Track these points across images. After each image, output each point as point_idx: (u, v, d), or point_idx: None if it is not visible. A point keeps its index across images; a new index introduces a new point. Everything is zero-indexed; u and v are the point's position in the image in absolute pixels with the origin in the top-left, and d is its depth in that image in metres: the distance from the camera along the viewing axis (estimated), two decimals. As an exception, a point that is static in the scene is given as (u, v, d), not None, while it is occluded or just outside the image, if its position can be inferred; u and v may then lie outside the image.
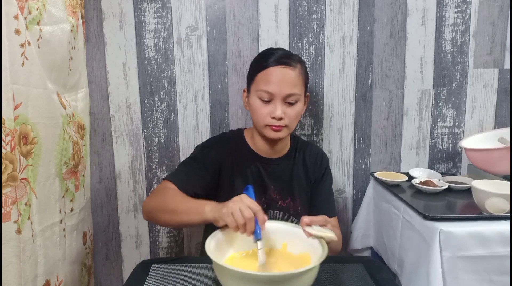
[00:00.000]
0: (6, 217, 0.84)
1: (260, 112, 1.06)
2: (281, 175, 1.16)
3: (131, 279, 0.88)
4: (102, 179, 1.45)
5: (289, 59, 1.05)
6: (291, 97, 1.05)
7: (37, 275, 0.97)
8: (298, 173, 1.18)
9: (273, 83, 1.03)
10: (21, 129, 0.90)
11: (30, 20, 0.95)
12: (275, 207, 1.15)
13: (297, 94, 1.05)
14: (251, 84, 1.10)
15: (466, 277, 0.98)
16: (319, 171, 1.20)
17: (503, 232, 0.97)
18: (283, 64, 1.04)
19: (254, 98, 1.07)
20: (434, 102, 1.48)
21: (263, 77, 1.05)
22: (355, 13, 1.41)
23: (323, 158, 1.22)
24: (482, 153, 1.29)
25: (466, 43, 1.46)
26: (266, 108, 1.05)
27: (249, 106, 1.11)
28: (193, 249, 1.51)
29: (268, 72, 1.04)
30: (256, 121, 1.09)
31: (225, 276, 0.72)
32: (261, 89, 1.04)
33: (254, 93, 1.07)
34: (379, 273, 0.88)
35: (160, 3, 1.36)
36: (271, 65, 1.04)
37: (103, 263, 1.50)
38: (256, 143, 1.15)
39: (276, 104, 1.04)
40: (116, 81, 1.39)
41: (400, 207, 1.18)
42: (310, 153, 1.20)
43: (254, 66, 1.11)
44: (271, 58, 1.05)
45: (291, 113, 1.06)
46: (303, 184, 1.18)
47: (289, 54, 1.09)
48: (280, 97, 1.04)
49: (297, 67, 1.06)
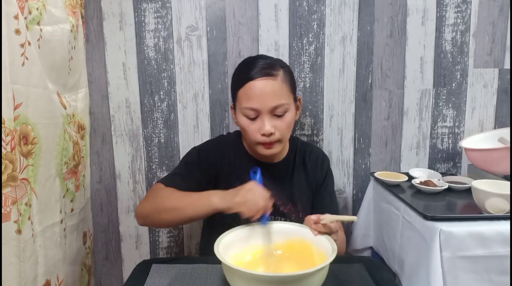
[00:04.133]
0: (6, 217, 0.84)
1: (249, 130, 0.99)
2: (281, 180, 1.11)
3: (131, 279, 0.88)
4: (102, 179, 1.45)
5: (269, 69, 0.97)
6: (278, 109, 0.97)
7: (37, 275, 0.97)
8: (299, 177, 1.13)
9: (255, 98, 0.95)
10: (21, 129, 0.90)
11: (30, 20, 0.95)
12: (276, 212, 1.09)
13: (284, 104, 0.97)
14: (235, 101, 1.03)
15: (466, 277, 0.98)
16: (320, 175, 1.14)
17: (503, 232, 0.97)
18: (263, 76, 0.96)
19: (241, 116, 1.00)
20: (434, 102, 1.49)
21: (244, 93, 0.97)
22: (355, 13, 1.41)
23: (323, 161, 1.16)
24: (482, 153, 1.29)
25: (466, 43, 1.46)
26: (254, 125, 0.98)
27: (238, 124, 1.04)
28: (193, 249, 1.51)
29: (248, 87, 0.96)
30: (247, 138, 1.03)
31: (235, 277, 0.72)
32: (245, 106, 0.97)
33: (239, 111, 1.01)
34: (379, 273, 0.88)
35: (160, 3, 1.36)
36: (251, 79, 0.96)
37: (103, 263, 1.50)
38: (251, 148, 1.09)
39: (264, 119, 0.96)
40: (116, 81, 1.39)
41: (400, 207, 1.18)
42: (310, 155, 1.15)
43: (234, 81, 1.04)
44: (249, 72, 0.97)
45: (281, 126, 0.98)
46: (304, 189, 1.13)
47: (269, 62, 0.99)
48: (266, 111, 0.96)
49: (279, 75, 0.97)
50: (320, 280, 0.72)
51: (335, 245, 0.78)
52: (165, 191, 0.95)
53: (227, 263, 0.70)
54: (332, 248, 0.76)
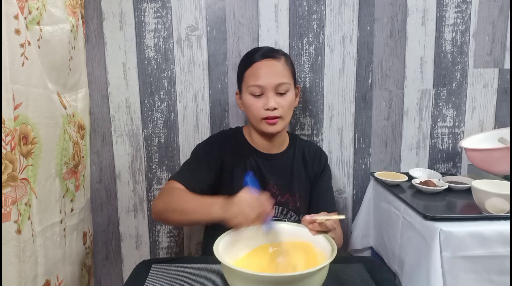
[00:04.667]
0: (6, 217, 0.84)
1: (254, 107, 1.09)
2: (281, 170, 1.18)
3: (131, 279, 0.88)
4: (102, 179, 1.45)
5: (273, 52, 1.11)
6: (281, 87, 1.08)
7: (37, 275, 0.97)
8: (298, 168, 1.20)
9: (261, 76, 1.07)
10: (21, 129, 0.90)
11: (30, 20, 0.95)
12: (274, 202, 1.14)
13: (286, 83, 1.09)
14: (242, 83, 1.13)
15: (466, 277, 0.98)
16: (318, 167, 1.22)
17: (503, 232, 0.97)
18: (268, 57, 1.09)
19: (246, 95, 1.10)
20: (434, 102, 1.48)
21: (251, 73, 1.09)
22: (355, 13, 1.41)
23: (321, 155, 1.25)
24: (482, 153, 1.29)
25: (466, 43, 1.46)
26: (259, 101, 1.08)
27: (243, 106, 1.15)
28: (193, 249, 1.51)
29: (255, 67, 1.09)
30: (251, 116, 1.12)
31: (234, 277, 0.72)
32: (251, 84, 1.08)
33: (245, 90, 1.11)
34: (379, 273, 0.88)
35: (160, 3, 1.36)
36: (257, 60, 1.09)
37: (103, 263, 1.50)
38: (254, 139, 1.17)
39: (268, 96, 1.07)
40: (116, 81, 1.39)
41: (400, 207, 1.18)
42: (309, 149, 1.23)
43: (241, 65, 1.15)
44: (256, 54, 1.10)
45: (283, 103, 1.09)
46: (302, 180, 1.20)
47: (273, 48, 1.14)
48: (271, 88, 1.07)
49: (282, 58, 1.11)
50: (320, 280, 0.72)
51: (334, 244, 0.78)
52: (177, 191, 1.00)
53: (226, 264, 0.70)
54: (332, 247, 0.76)
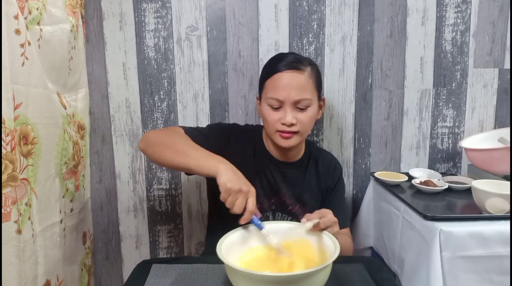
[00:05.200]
0: (6, 217, 0.84)
1: (270, 118, 1.03)
2: (293, 180, 1.13)
3: (131, 279, 0.88)
4: (102, 179, 1.45)
5: (297, 63, 1.02)
6: (301, 103, 1.01)
7: (37, 275, 0.97)
8: (310, 180, 1.15)
9: (281, 89, 1.00)
10: (21, 129, 0.90)
11: (30, 20, 0.95)
12: (284, 210, 1.12)
13: (308, 99, 1.01)
14: (262, 92, 1.07)
15: (466, 277, 0.98)
16: (331, 180, 1.17)
17: (503, 232, 0.97)
18: (291, 69, 1.00)
19: (265, 106, 1.05)
20: (434, 102, 1.49)
21: (271, 83, 1.02)
22: (355, 13, 1.41)
23: (336, 167, 1.19)
24: (482, 153, 1.29)
25: (466, 43, 1.46)
26: (276, 114, 1.02)
27: (261, 114, 1.09)
28: (193, 249, 1.51)
29: (275, 78, 1.01)
30: (267, 128, 1.07)
31: (238, 278, 0.72)
32: (270, 96, 1.02)
33: (264, 100, 1.05)
34: (379, 273, 0.88)
35: (160, 3, 1.36)
36: (279, 71, 1.01)
37: (103, 263, 1.50)
38: (269, 145, 1.13)
39: (286, 110, 1.01)
40: (116, 81, 1.39)
41: (400, 207, 1.18)
42: (323, 161, 1.18)
43: (263, 72, 1.08)
44: (279, 64, 1.02)
45: (303, 119, 1.02)
46: (314, 192, 1.15)
47: (298, 57, 1.05)
48: (290, 103, 1.00)
49: (306, 70, 1.02)
50: (323, 279, 0.72)
51: (337, 243, 0.77)
52: (183, 135, 0.98)
53: (230, 264, 0.70)
54: (335, 247, 0.76)
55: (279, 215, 1.12)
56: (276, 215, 1.12)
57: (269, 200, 1.11)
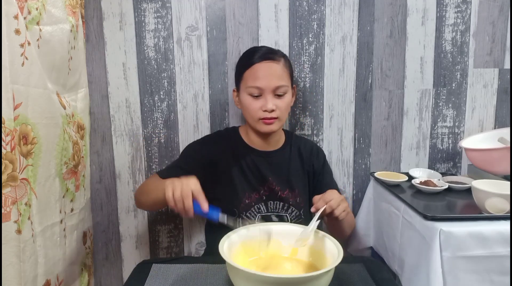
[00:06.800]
0: (6, 217, 0.84)
1: (252, 107, 1.10)
2: (278, 167, 1.19)
3: (131, 279, 0.88)
4: (102, 179, 1.45)
5: (273, 54, 1.11)
6: (280, 89, 1.09)
7: (37, 275, 0.97)
8: (295, 164, 1.21)
9: (260, 78, 1.08)
10: (21, 129, 0.90)
11: (30, 20, 0.95)
12: (275, 198, 1.17)
13: (285, 85, 1.10)
14: (240, 83, 1.14)
15: (466, 277, 0.98)
16: (317, 164, 1.24)
17: (503, 232, 0.97)
18: (268, 59, 1.09)
19: (245, 95, 1.11)
20: (434, 102, 1.48)
21: (250, 74, 1.10)
22: (355, 13, 1.41)
23: (319, 151, 1.27)
24: (482, 153, 1.29)
25: (466, 43, 1.46)
26: (257, 103, 1.10)
27: (240, 104, 1.16)
28: (193, 249, 1.51)
29: (255, 68, 1.09)
30: (248, 117, 1.13)
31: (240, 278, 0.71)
32: (250, 85, 1.09)
33: (243, 90, 1.12)
34: (379, 273, 0.88)
35: (160, 3, 1.36)
36: (257, 62, 1.09)
37: (103, 263, 1.50)
38: (250, 138, 1.19)
39: (267, 98, 1.08)
40: (116, 81, 1.39)
41: (400, 207, 1.18)
42: (305, 146, 1.25)
43: (240, 64, 1.16)
44: (255, 55, 1.11)
45: (281, 105, 1.10)
46: (300, 175, 1.21)
47: (272, 49, 1.14)
48: (269, 91, 1.08)
49: (281, 60, 1.11)
50: (326, 283, 0.71)
51: (340, 247, 0.77)
52: (151, 177, 1.13)
53: (233, 264, 0.69)
54: (338, 250, 0.76)
55: (271, 204, 1.16)
56: (268, 204, 1.16)
57: (258, 192, 1.16)
